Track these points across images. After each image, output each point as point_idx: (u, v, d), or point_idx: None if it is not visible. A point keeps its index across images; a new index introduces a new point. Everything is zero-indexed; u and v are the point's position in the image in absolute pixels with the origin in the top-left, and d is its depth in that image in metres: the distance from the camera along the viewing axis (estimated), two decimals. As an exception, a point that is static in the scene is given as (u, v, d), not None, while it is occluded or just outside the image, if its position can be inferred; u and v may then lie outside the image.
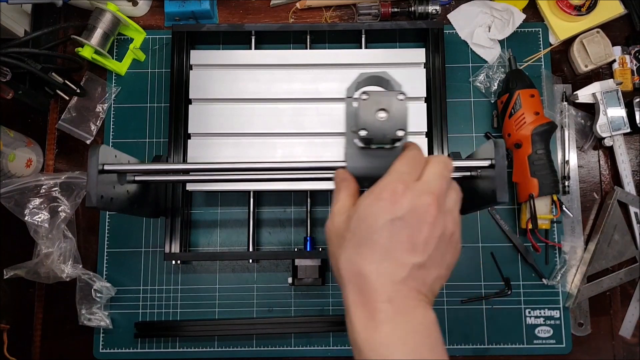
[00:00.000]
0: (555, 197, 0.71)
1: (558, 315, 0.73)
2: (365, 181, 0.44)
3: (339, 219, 0.41)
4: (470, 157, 0.65)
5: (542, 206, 0.71)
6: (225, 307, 0.74)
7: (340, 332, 0.73)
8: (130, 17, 0.78)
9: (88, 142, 0.78)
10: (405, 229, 0.37)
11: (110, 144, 0.78)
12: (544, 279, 0.73)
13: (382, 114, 0.42)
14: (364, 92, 0.43)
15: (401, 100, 0.43)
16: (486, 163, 0.55)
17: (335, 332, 0.73)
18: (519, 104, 0.71)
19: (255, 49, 0.76)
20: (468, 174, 0.60)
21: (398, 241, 0.37)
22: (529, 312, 0.73)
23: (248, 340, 0.73)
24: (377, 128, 0.42)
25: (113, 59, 0.79)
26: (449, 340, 0.73)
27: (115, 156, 0.57)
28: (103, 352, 0.73)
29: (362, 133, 0.42)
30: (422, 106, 0.72)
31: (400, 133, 0.42)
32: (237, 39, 0.78)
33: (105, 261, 0.75)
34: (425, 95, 0.72)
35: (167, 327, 0.73)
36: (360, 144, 0.44)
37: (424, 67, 0.73)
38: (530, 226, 0.71)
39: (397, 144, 0.44)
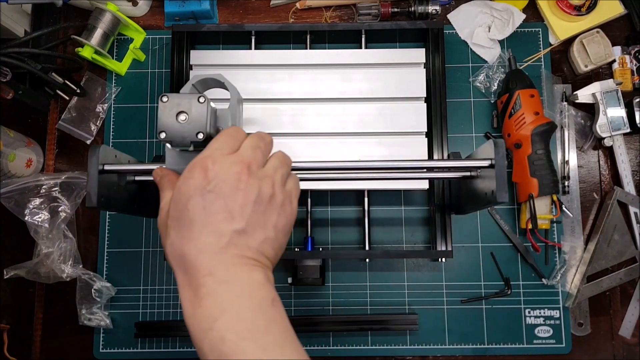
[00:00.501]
0: (555, 197, 0.71)
1: (558, 315, 0.73)
2: None
3: (164, 212, 0.42)
4: (470, 157, 0.65)
5: (542, 206, 0.71)
6: (225, 307, 0.74)
7: (340, 332, 0.73)
8: (130, 17, 0.78)
9: (88, 142, 0.78)
10: (218, 199, 0.38)
11: (111, 144, 0.78)
12: (543, 279, 0.73)
13: (182, 117, 0.43)
14: (163, 95, 0.43)
15: (202, 103, 0.43)
16: (486, 163, 0.55)
17: (335, 332, 0.73)
18: (518, 104, 0.71)
19: (255, 49, 0.76)
20: (468, 174, 0.60)
21: (213, 212, 0.37)
22: (529, 312, 0.73)
23: (248, 340, 0.73)
24: (177, 131, 0.43)
25: (113, 59, 0.79)
26: (449, 339, 0.73)
27: (116, 156, 0.57)
28: (103, 352, 0.74)
29: (161, 135, 0.43)
30: (422, 106, 0.72)
31: (200, 136, 0.43)
32: (237, 39, 0.78)
33: (105, 261, 0.75)
34: (425, 95, 0.72)
35: (167, 327, 0.73)
36: (169, 146, 0.45)
37: (424, 67, 0.73)
38: (530, 226, 0.71)
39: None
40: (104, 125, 0.78)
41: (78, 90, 0.77)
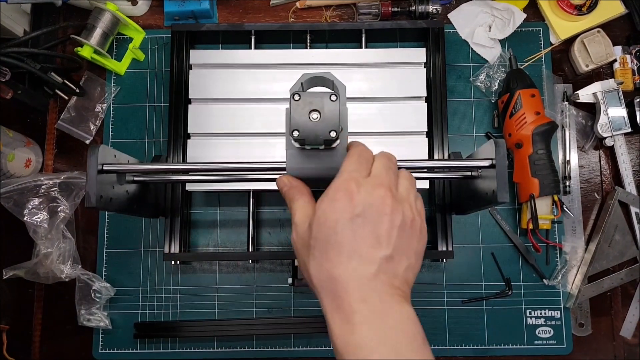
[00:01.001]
0: (556, 197, 0.71)
1: (559, 316, 0.73)
2: (307, 182, 0.44)
3: (302, 228, 0.41)
4: (470, 157, 0.64)
5: (543, 206, 0.71)
6: (225, 307, 0.74)
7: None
8: (129, 17, 0.78)
9: (87, 142, 0.78)
10: (366, 224, 0.37)
11: (110, 143, 0.78)
12: (544, 279, 0.73)
13: (315, 115, 0.42)
14: (295, 93, 0.43)
15: (334, 101, 0.43)
16: (487, 163, 0.55)
17: (335, 332, 0.73)
18: (519, 103, 0.71)
19: (255, 48, 0.76)
20: (469, 174, 0.60)
21: (362, 237, 0.37)
22: (530, 313, 0.73)
23: (248, 341, 0.73)
24: (310, 129, 0.42)
25: (112, 58, 0.79)
26: (449, 340, 0.73)
27: (115, 156, 0.57)
28: (102, 352, 0.73)
29: (295, 134, 0.42)
30: (423, 106, 0.72)
31: (333, 134, 0.42)
32: (236, 39, 0.78)
33: (104, 261, 0.75)
34: (425, 95, 0.72)
35: (167, 327, 0.73)
36: (297, 145, 0.44)
37: (424, 67, 0.73)
38: (531, 226, 0.71)
39: (334, 145, 0.44)
40: (103, 125, 0.78)
41: (77, 90, 0.77)
